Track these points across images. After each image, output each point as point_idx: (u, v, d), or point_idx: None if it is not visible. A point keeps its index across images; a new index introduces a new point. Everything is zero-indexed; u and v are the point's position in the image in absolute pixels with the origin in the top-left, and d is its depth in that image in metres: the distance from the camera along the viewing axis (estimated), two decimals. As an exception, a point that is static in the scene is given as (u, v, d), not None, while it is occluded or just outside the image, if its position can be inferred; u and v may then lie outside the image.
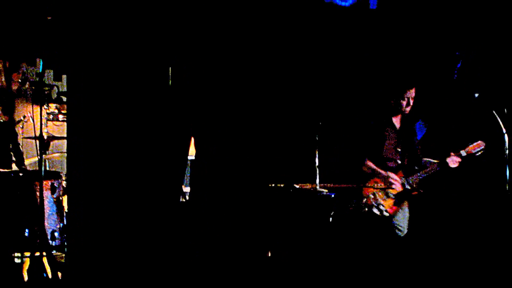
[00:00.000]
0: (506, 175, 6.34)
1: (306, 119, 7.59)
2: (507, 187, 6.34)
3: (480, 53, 7.79)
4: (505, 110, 6.55)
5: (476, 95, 6.79)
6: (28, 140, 6.96)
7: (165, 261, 5.05)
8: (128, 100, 4.93)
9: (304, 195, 6.93)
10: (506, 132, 6.44)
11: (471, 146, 7.11)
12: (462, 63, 7.62)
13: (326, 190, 6.96)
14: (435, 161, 7.15)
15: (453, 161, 7.04)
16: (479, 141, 7.08)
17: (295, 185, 7.12)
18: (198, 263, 5.10)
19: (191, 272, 5.05)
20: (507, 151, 6.39)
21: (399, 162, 7.18)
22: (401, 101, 7.06)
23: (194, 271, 5.06)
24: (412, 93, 7.04)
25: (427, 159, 7.24)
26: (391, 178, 6.92)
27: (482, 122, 7.04)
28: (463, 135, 7.55)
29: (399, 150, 7.18)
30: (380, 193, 6.88)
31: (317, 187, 6.95)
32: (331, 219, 6.79)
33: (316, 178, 7.01)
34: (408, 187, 6.96)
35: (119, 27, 4.83)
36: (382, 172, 6.94)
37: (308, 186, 7.10)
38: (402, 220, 6.96)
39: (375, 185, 6.96)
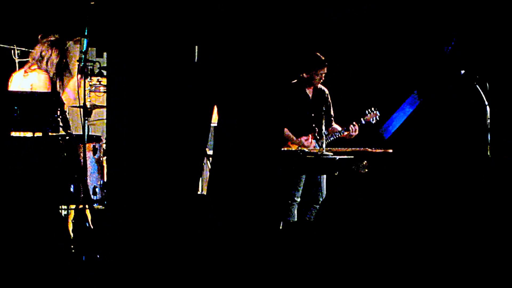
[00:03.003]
0: (488, 142, 6.36)
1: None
2: (488, 152, 6.36)
3: (469, 34, 7.77)
4: (487, 85, 6.55)
5: (462, 72, 6.79)
6: (74, 108, 6.99)
7: (191, 214, 5.07)
8: (158, 74, 4.94)
9: (312, 157, 6.98)
10: (487, 104, 6.45)
11: (368, 115, 7.48)
12: (455, 42, 7.59)
13: (331, 154, 7.00)
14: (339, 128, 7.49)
15: (353, 129, 7.45)
16: (376, 111, 7.45)
17: (304, 149, 7.17)
18: (222, 222, 5.11)
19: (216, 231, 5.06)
20: (488, 121, 6.41)
21: (313, 126, 7.44)
22: (315, 75, 7.45)
23: (219, 231, 5.07)
24: (322, 71, 7.43)
25: (336, 125, 7.58)
26: (302, 142, 7.25)
27: (467, 96, 7.03)
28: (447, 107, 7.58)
29: (312, 116, 7.46)
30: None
31: (324, 151, 6.98)
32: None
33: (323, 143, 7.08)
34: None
35: (152, 10, 4.83)
36: (294, 138, 7.31)
37: (316, 150, 7.14)
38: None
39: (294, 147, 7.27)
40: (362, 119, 7.68)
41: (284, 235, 5.56)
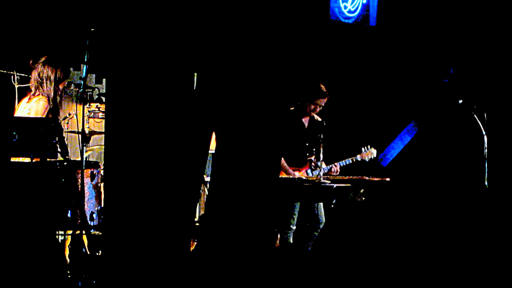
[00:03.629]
0: (485, 172, 6.37)
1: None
2: (485, 182, 6.36)
3: (467, 65, 7.81)
4: (485, 115, 6.57)
5: (460, 101, 6.81)
6: (72, 134, 6.99)
7: (187, 242, 5.07)
8: (157, 102, 4.95)
9: (310, 185, 6.98)
10: (485, 134, 6.47)
11: (364, 153, 7.45)
12: (452, 73, 7.62)
13: (329, 182, 7.00)
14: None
15: (334, 170, 7.47)
16: (371, 149, 7.43)
17: (303, 176, 7.18)
18: (216, 250, 5.11)
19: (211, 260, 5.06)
20: (485, 150, 6.43)
21: (306, 155, 7.44)
22: (312, 106, 7.43)
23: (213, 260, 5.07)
24: (322, 101, 7.40)
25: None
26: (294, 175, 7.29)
27: (465, 125, 7.06)
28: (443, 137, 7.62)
29: (307, 145, 7.45)
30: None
31: (321, 179, 6.98)
32: (332, 206, 6.85)
33: (321, 171, 7.08)
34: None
35: (151, 39, 4.85)
36: (289, 170, 7.30)
37: (313, 178, 7.15)
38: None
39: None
40: (358, 155, 7.66)
41: (280, 261, 5.55)
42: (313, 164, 7.33)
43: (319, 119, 7.66)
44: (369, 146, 7.66)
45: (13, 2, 7.95)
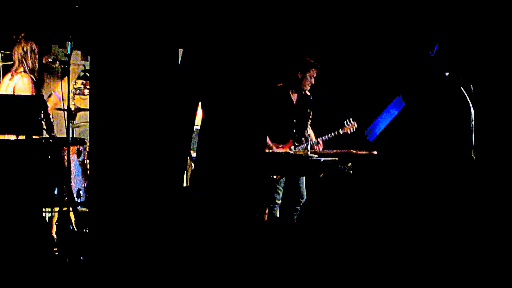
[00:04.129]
0: (472, 144, 6.37)
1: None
2: (472, 153, 6.37)
3: (453, 37, 7.79)
4: (472, 87, 6.56)
5: (447, 74, 6.80)
6: (58, 111, 6.96)
7: (175, 217, 5.06)
8: (141, 76, 4.92)
9: (297, 159, 6.97)
10: (472, 106, 6.47)
11: (347, 126, 7.41)
12: (438, 46, 7.60)
13: (316, 155, 6.99)
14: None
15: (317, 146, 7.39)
16: (353, 122, 7.40)
17: (289, 151, 7.17)
18: (204, 220, 5.11)
19: (197, 227, 5.05)
20: (472, 122, 6.42)
21: (293, 132, 7.39)
22: (303, 80, 7.34)
23: (200, 228, 5.07)
24: (313, 74, 7.31)
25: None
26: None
27: (451, 98, 7.05)
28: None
29: (294, 122, 7.38)
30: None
31: (308, 152, 6.97)
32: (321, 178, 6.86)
33: (308, 145, 7.07)
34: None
35: (135, 13, 4.82)
36: (272, 147, 7.24)
37: (301, 152, 7.14)
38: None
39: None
40: (340, 129, 7.61)
41: (267, 234, 5.56)
42: (303, 139, 7.29)
43: (308, 94, 7.55)
44: (351, 119, 7.61)
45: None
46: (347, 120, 7.60)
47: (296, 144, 7.35)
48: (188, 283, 4.47)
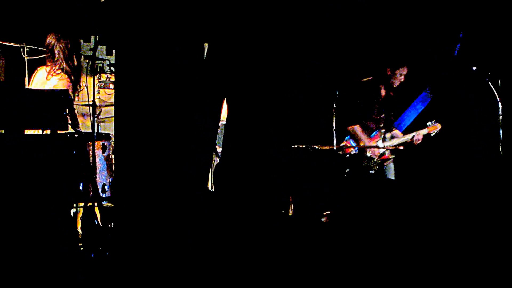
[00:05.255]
0: (500, 138, 6.33)
1: (324, 90, 7.55)
2: (500, 148, 6.32)
3: (479, 33, 7.72)
4: (499, 82, 6.50)
5: (474, 68, 6.74)
6: (84, 106, 6.96)
7: (200, 212, 5.04)
8: (167, 72, 4.91)
9: (322, 155, 6.91)
10: (500, 101, 6.41)
11: (430, 127, 7.20)
12: (462, 42, 7.54)
13: (341, 151, 6.95)
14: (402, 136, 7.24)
15: (418, 139, 7.14)
16: (437, 124, 7.17)
17: (315, 146, 7.09)
18: (228, 216, 5.09)
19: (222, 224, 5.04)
20: (500, 117, 6.36)
21: (380, 126, 7.23)
22: (394, 77, 7.14)
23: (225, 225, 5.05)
24: (404, 71, 7.12)
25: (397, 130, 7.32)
26: (366, 143, 7.03)
27: (479, 93, 6.99)
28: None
29: (382, 116, 7.21)
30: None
31: (334, 148, 6.92)
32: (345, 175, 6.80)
33: (333, 140, 7.00)
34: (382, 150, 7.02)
35: (161, 7, 4.81)
36: (364, 139, 7.05)
37: (326, 147, 7.07)
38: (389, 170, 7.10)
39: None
40: (422, 130, 7.31)
41: (290, 229, 5.54)
42: (388, 134, 7.18)
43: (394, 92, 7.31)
44: (434, 121, 7.32)
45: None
46: (431, 121, 7.32)
47: (385, 137, 7.20)
48: (212, 277, 4.45)
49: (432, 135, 7.21)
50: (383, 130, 7.16)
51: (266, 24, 5.03)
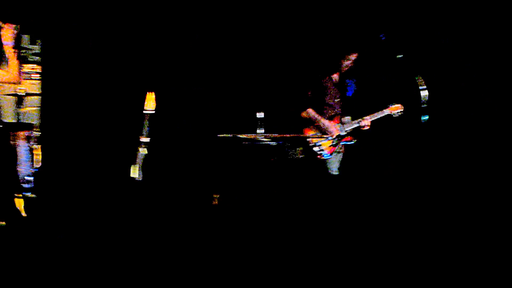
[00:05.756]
0: (422, 124, 6.44)
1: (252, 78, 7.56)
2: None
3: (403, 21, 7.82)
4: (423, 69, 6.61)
5: (399, 56, 6.83)
6: (7, 96, 6.85)
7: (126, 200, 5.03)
8: (95, 61, 4.90)
9: (247, 144, 6.91)
10: (425, 88, 6.52)
11: (391, 107, 7.20)
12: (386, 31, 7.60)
13: (267, 140, 6.94)
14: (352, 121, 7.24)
15: (366, 124, 7.14)
16: (399, 104, 7.17)
17: (239, 135, 7.08)
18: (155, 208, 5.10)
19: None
20: (424, 106, 6.46)
21: (337, 111, 7.24)
22: (342, 61, 7.16)
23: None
24: (353, 56, 7.15)
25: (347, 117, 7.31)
26: (328, 125, 6.99)
27: (404, 80, 7.08)
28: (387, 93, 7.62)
29: (337, 100, 7.25)
30: (319, 135, 6.93)
31: (259, 137, 6.92)
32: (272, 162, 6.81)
33: (257, 129, 7.01)
34: (343, 133, 7.02)
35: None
36: (321, 119, 7.02)
37: (252, 136, 7.06)
38: (334, 162, 7.08)
39: (311, 133, 7.00)
40: (385, 109, 7.27)
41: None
42: (341, 118, 7.18)
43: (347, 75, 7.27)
44: (395, 102, 7.25)
45: None
46: (392, 103, 7.25)
47: (343, 121, 7.18)
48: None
49: (394, 116, 7.22)
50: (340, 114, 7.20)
51: None
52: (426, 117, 6.46)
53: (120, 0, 5.96)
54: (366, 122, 7.13)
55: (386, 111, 7.22)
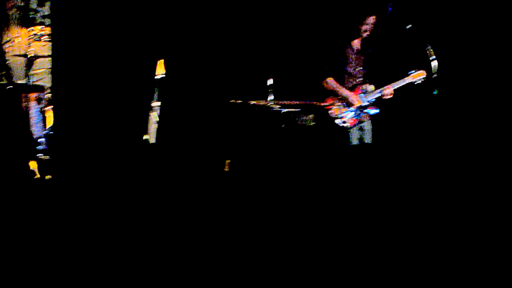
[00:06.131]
0: (433, 95, 6.40)
1: (264, 43, 7.51)
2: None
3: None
4: (433, 39, 6.58)
5: (408, 26, 6.78)
6: (17, 58, 6.81)
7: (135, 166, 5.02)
8: (104, 24, 4.87)
9: (258, 110, 6.89)
10: (434, 59, 6.47)
11: (413, 74, 6.95)
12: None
13: (278, 106, 6.91)
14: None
15: (389, 92, 6.94)
16: (421, 70, 6.92)
17: (251, 101, 7.06)
18: (167, 171, 5.08)
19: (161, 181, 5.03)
20: (435, 75, 6.42)
21: (359, 80, 7.04)
22: (361, 26, 6.96)
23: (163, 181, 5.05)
24: (371, 19, 6.95)
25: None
26: (349, 96, 6.82)
27: (414, 50, 7.02)
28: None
29: (359, 69, 7.06)
30: (341, 106, 6.78)
31: (270, 103, 6.90)
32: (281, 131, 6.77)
33: (268, 96, 6.98)
34: (365, 103, 6.86)
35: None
36: (342, 89, 6.80)
37: (263, 102, 7.04)
38: (355, 132, 6.88)
39: (331, 101, 6.87)
40: (407, 78, 7.07)
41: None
42: (362, 87, 7.00)
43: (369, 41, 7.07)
44: (417, 69, 7.03)
45: None
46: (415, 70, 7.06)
47: (365, 90, 6.97)
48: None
49: (416, 83, 6.99)
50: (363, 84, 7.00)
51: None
52: (436, 92, 6.42)
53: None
54: (388, 90, 6.89)
55: (408, 79, 6.94)
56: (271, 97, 6.94)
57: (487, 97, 7.19)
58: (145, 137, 6.22)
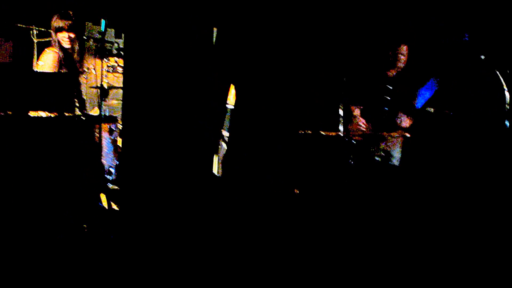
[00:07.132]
0: (506, 128, 6.30)
1: (333, 78, 7.49)
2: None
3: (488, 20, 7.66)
4: (508, 71, 6.47)
5: (482, 57, 6.70)
6: (91, 89, 6.93)
7: (205, 195, 5.02)
8: (174, 55, 4.89)
9: (329, 141, 6.86)
10: (507, 90, 6.39)
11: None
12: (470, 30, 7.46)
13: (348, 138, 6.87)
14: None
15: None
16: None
17: (321, 132, 7.03)
18: (236, 202, 5.08)
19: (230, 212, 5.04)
20: (507, 106, 6.33)
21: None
22: (393, 56, 6.95)
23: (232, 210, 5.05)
24: (402, 50, 6.93)
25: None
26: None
27: (487, 81, 6.94)
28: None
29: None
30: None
31: (340, 134, 6.87)
32: (351, 161, 6.72)
33: (339, 127, 6.94)
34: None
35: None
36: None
37: (333, 133, 7.01)
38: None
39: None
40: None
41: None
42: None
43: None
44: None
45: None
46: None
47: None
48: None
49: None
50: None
51: (277, 7, 5.01)
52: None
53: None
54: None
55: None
56: (341, 127, 6.91)
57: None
58: (214, 169, 6.27)
